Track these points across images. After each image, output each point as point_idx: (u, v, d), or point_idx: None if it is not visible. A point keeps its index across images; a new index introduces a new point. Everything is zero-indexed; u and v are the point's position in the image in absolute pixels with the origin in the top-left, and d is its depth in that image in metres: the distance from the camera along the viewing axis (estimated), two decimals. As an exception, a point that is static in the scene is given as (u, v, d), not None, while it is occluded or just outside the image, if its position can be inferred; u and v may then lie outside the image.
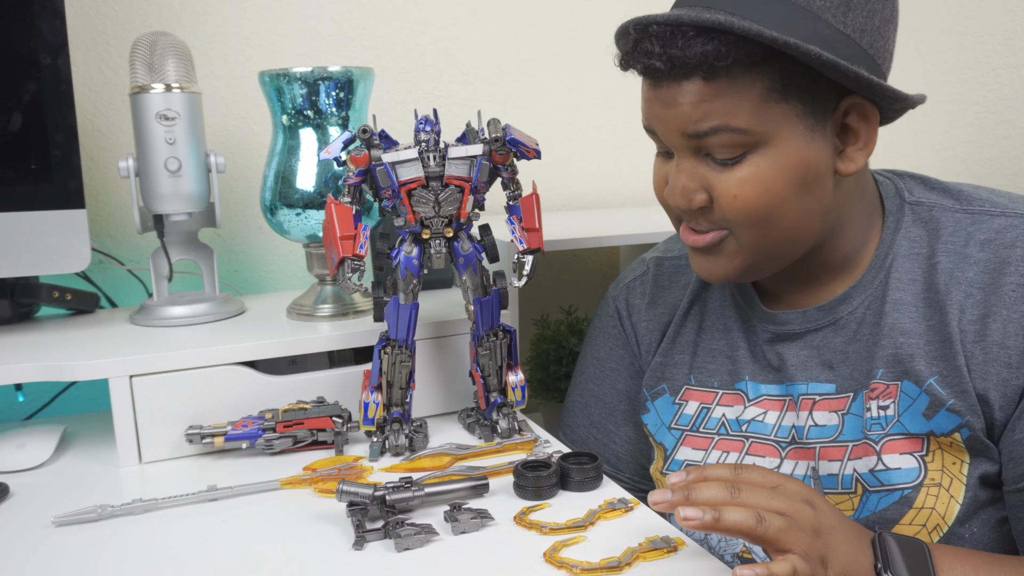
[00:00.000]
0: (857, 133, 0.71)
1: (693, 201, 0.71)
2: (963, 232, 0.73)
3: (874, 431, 0.73)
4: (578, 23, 1.44)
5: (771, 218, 0.70)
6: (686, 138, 0.69)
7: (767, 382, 0.80)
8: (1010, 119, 1.18)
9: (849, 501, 0.74)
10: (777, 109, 0.67)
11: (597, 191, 1.50)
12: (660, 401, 0.86)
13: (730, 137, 0.67)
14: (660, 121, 0.71)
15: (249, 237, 1.27)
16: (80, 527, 0.72)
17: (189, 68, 0.97)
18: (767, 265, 0.74)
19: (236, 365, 0.89)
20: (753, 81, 0.66)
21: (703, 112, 0.67)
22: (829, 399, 0.76)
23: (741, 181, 0.69)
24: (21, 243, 0.94)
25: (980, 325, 0.70)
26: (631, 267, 0.96)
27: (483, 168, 0.82)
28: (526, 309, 1.36)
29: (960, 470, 0.70)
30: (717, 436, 0.82)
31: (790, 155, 0.68)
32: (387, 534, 0.67)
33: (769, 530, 0.58)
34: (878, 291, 0.75)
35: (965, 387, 0.69)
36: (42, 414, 1.12)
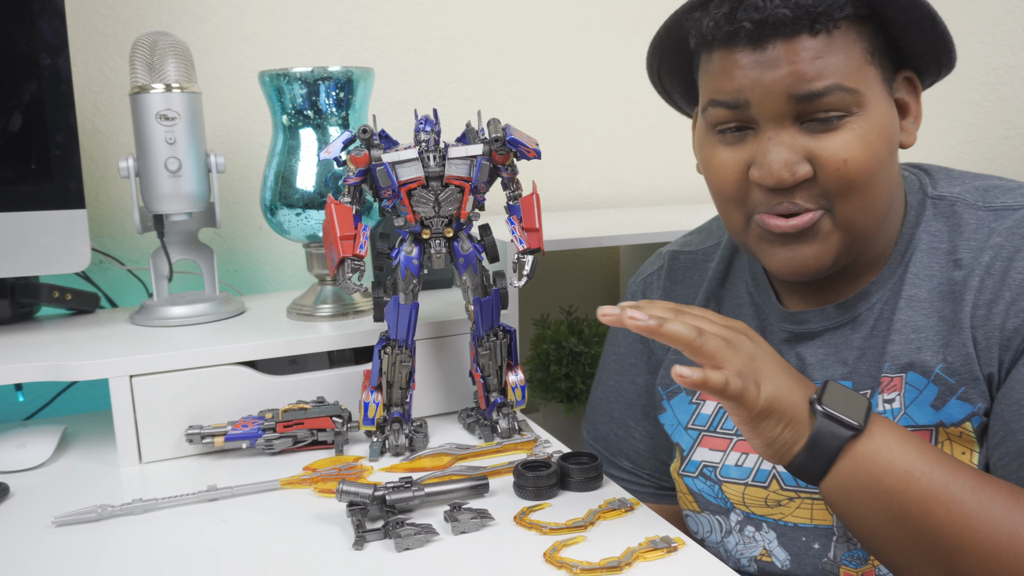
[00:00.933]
0: (908, 107, 0.72)
1: (798, 173, 0.67)
2: (986, 228, 0.72)
3: None
4: (578, 23, 1.44)
5: (873, 185, 0.68)
6: (793, 102, 0.66)
7: None
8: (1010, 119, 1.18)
9: None
10: (870, 71, 0.67)
11: (597, 191, 1.50)
12: (676, 400, 0.86)
13: (841, 98, 0.66)
14: (761, 86, 0.67)
15: (249, 237, 1.27)
16: (80, 527, 0.72)
17: (189, 68, 0.97)
18: (854, 248, 0.72)
19: (236, 365, 0.89)
20: (856, 39, 0.66)
21: (818, 70, 0.65)
22: None
23: (848, 144, 0.67)
24: (21, 243, 0.94)
25: (987, 310, 0.69)
26: (649, 261, 0.95)
27: (483, 168, 0.82)
28: (526, 309, 1.36)
29: (970, 460, 0.70)
30: (736, 437, 0.81)
31: (883, 119, 0.68)
32: (387, 534, 0.67)
33: (707, 344, 0.61)
34: (896, 286, 0.74)
35: (975, 373, 0.68)
36: (42, 414, 1.12)
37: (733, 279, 0.86)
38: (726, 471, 0.80)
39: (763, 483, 0.78)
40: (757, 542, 0.80)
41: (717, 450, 0.82)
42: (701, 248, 0.91)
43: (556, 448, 0.86)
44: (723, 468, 0.81)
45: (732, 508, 0.81)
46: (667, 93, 0.84)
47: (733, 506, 0.81)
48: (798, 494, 0.77)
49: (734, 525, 0.81)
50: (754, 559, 0.80)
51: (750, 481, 0.79)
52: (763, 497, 0.78)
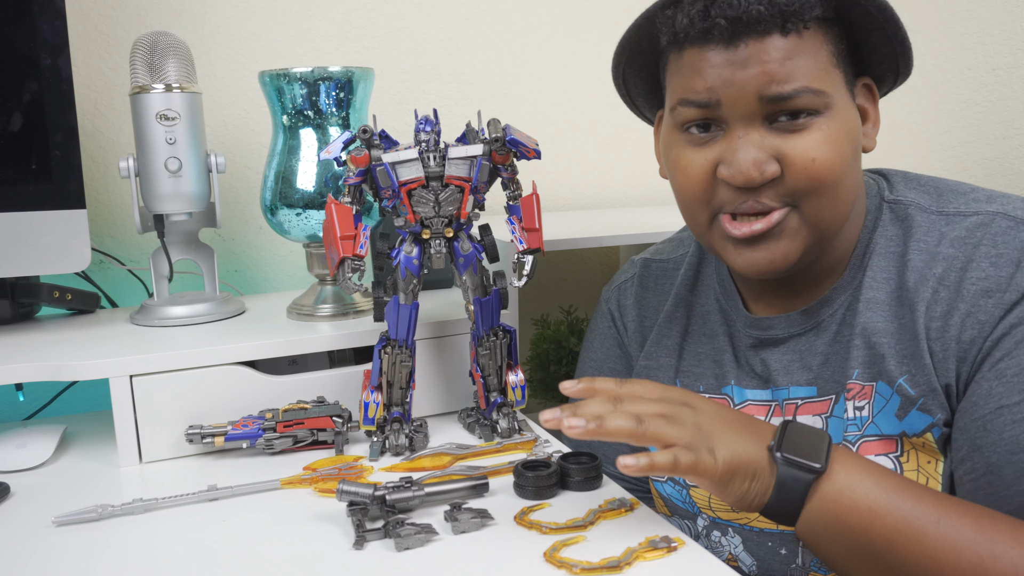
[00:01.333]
0: (867, 112, 0.73)
1: (766, 172, 0.68)
2: (936, 232, 0.73)
3: (851, 432, 0.73)
4: (578, 23, 1.44)
5: (839, 184, 0.69)
6: (763, 102, 0.67)
7: (752, 387, 0.80)
8: (1010, 119, 1.18)
9: None
10: (835, 74, 0.68)
11: (597, 191, 1.50)
12: None
13: (809, 99, 0.67)
14: (732, 85, 0.67)
15: (249, 237, 1.27)
16: (80, 527, 0.72)
17: (189, 68, 0.97)
18: (819, 247, 0.73)
19: (236, 365, 0.89)
20: (823, 42, 0.67)
21: (788, 71, 0.66)
22: (812, 402, 0.76)
23: (816, 144, 0.67)
24: (21, 243, 0.94)
25: (942, 322, 0.69)
26: (623, 268, 0.96)
27: (483, 168, 0.82)
28: (526, 309, 1.36)
29: (935, 469, 0.70)
30: None
31: (848, 121, 0.70)
32: (387, 534, 0.67)
33: (649, 429, 0.61)
34: (855, 290, 0.75)
35: (933, 385, 0.69)
36: (42, 414, 1.12)
37: (702, 286, 0.87)
38: None
39: None
40: (723, 547, 0.80)
41: None
42: (672, 257, 0.92)
43: (556, 448, 0.86)
44: None
45: (699, 512, 0.81)
46: (629, 96, 0.84)
47: (700, 510, 0.81)
48: None
49: (701, 530, 0.82)
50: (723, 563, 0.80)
51: None
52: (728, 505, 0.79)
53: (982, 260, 0.69)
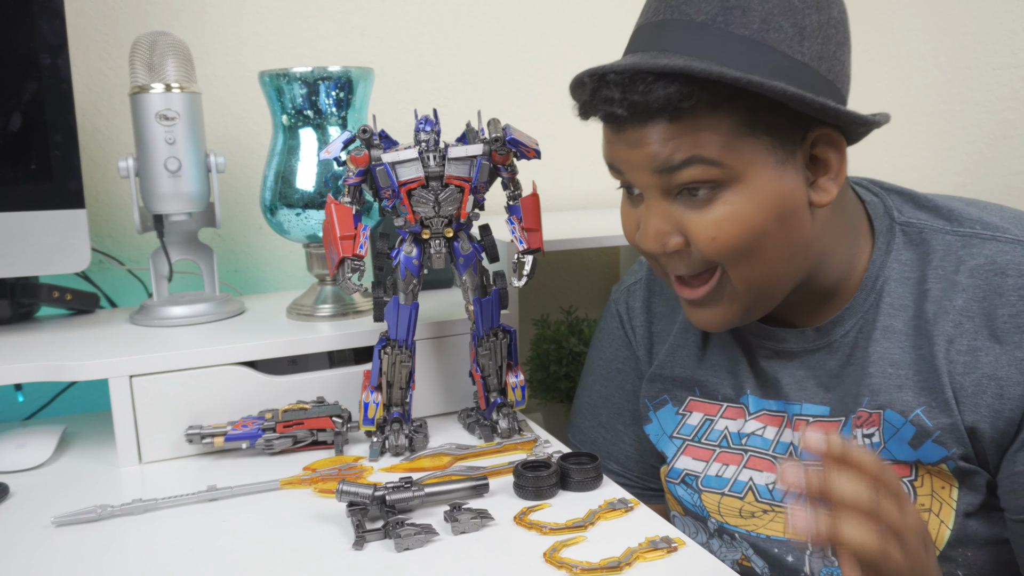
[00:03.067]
0: (828, 163, 0.68)
1: (667, 244, 0.69)
2: (953, 257, 0.71)
3: None
4: (577, 23, 1.44)
5: (755, 252, 0.68)
6: (657, 175, 0.67)
7: (767, 397, 0.79)
8: (1010, 119, 1.18)
9: None
10: (746, 144, 0.65)
11: (597, 191, 1.50)
12: (663, 411, 0.86)
13: (703, 169, 0.65)
14: (626, 162, 0.69)
15: (249, 237, 1.27)
16: (80, 527, 0.72)
17: (189, 68, 0.97)
18: (762, 303, 0.72)
19: (236, 365, 0.89)
20: (720, 119, 0.64)
21: (672, 148, 0.65)
22: (823, 421, 0.75)
23: (717, 221, 0.67)
24: (21, 243, 0.94)
25: (970, 356, 0.68)
26: (631, 270, 0.96)
27: (483, 168, 0.82)
28: (526, 309, 1.36)
29: (950, 495, 0.70)
30: (719, 448, 0.81)
31: (764, 190, 0.66)
32: (387, 534, 0.67)
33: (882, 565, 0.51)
34: (869, 315, 0.74)
35: (953, 419, 0.68)
36: (42, 414, 1.12)
37: None
38: (706, 480, 0.81)
39: (739, 494, 0.79)
40: (736, 548, 0.80)
41: (700, 460, 0.82)
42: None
43: (556, 448, 0.86)
44: (704, 478, 0.81)
45: (708, 516, 0.81)
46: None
47: (709, 515, 0.81)
48: (772, 507, 0.77)
49: (712, 532, 0.82)
50: (736, 562, 0.80)
51: (727, 491, 0.80)
52: (738, 508, 0.79)
53: (1011, 293, 0.67)
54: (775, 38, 0.64)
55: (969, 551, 0.70)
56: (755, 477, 0.78)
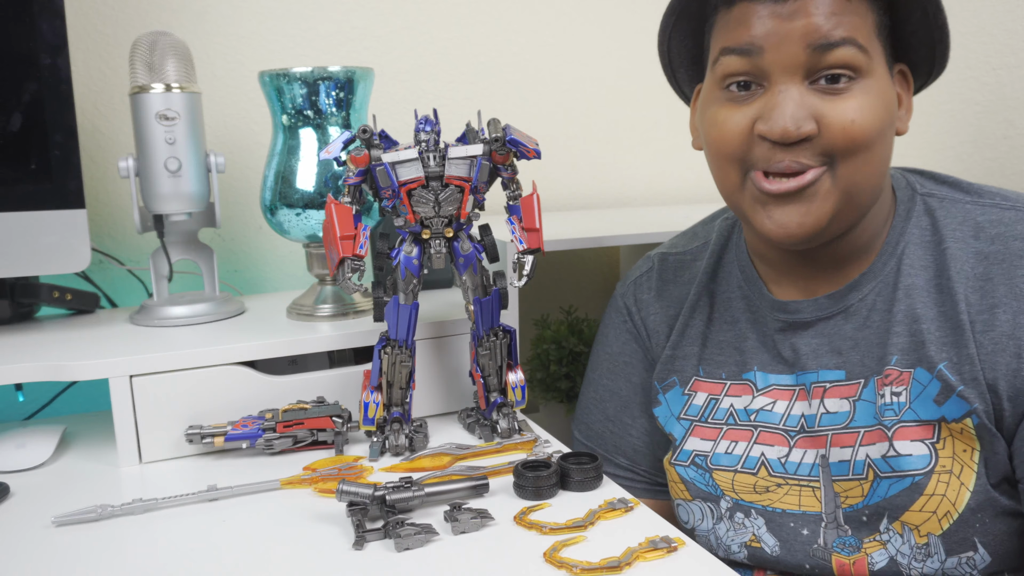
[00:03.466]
0: (900, 98, 0.74)
1: (802, 129, 0.69)
2: (972, 222, 0.74)
3: (887, 416, 0.73)
4: (578, 23, 1.44)
5: (874, 149, 0.70)
6: (808, 52, 0.68)
7: (777, 372, 0.81)
8: (1010, 119, 1.18)
9: (859, 487, 0.74)
10: (878, 44, 0.70)
11: (597, 191, 1.50)
12: (671, 393, 0.87)
13: (855, 54, 0.68)
14: (778, 36, 0.69)
15: (249, 237, 1.27)
16: (80, 527, 0.72)
17: (189, 68, 0.97)
18: (848, 213, 0.73)
19: (236, 365, 0.89)
20: (868, 10, 0.69)
21: (835, 23, 0.67)
22: (840, 386, 0.76)
23: (855, 107, 0.69)
24: (21, 243, 0.94)
25: (989, 315, 0.70)
26: (637, 265, 0.96)
27: (483, 168, 0.82)
28: (526, 309, 1.36)
29: (971, 457, 0.71)
30: (725, 426, 0.82)
31: (886, 92, 0.71)
32: (387, 534, 0.67)
33: None
34: (889, 278, 0.76)
35: (976, 375, 0.70)
36: (42, 414, 1.12)
37: (723, 274, 0.88)
38: (716, 459, 0.82)
39: (752, 470, 0.80)
40: (747, 528, 0.81)
41: (708, 439, 0.83)
42: (688, 249, 0.92)
43: (556, 448, 0.86)
44: (713, 456, 0.82)
45: (722, 495, 0.82)
46: (671, 66, 0.84)
47: (723, 493, 0.82)
48: (786, 480, 0.78)
49: (724, 512, 0.82)
50: (744, 544, 0.81)
51: (739, 468, 0.81)
52: (752, 483, 0.80)
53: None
54: None
55: (987, 518, 0.71)
56: (767, 452, 0.79)
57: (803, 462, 0.77)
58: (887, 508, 0.73)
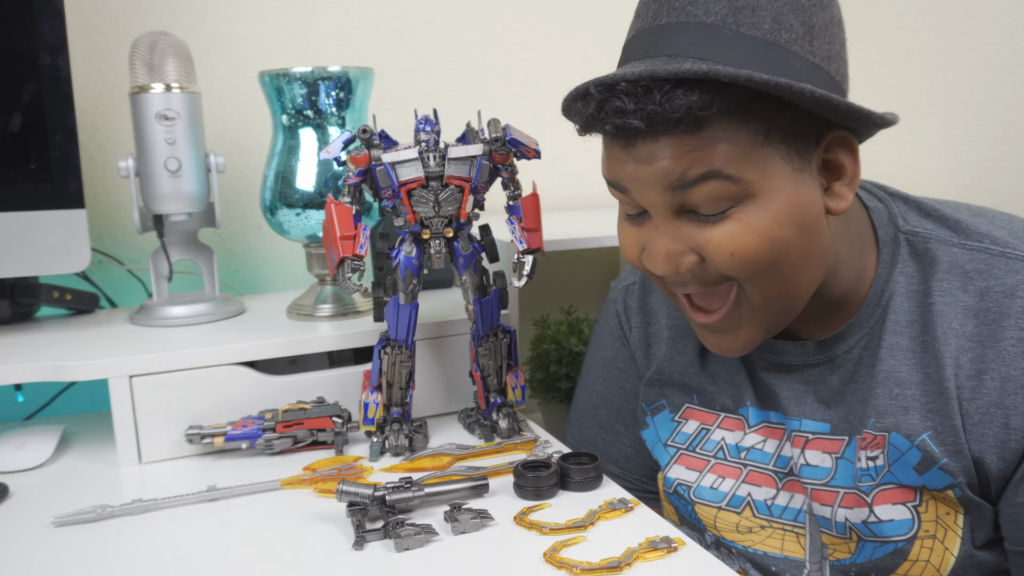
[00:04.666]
0: (842, 167, 0.66)
1: (680, 265, 0.65)
2: (959, 270, 0.69)
3: (864, 482, 0.70)
4: (578, 23, 1.44)
5: (776, 265, 0.64)
6: (669, 193, 0.63)
7: (767, 409, 0.77)
8: (1010, 119, 1.18)
9: (845, 546, 0.72)
10: (763, 154, 0.61)
11: (597, 191, 1.50)
12: (659, 417, 0.85)
13: (720, 186, 0.61)
14: (634, 179, 0.64)
15: (249, 237, 1.27)
16: (80, 527, 0.72)
17: (189, 68, 0.97)
18: (782, 319, 0.69)
19: (236, 365, 0.89)
20: (738, 128, 0.60)
21: (689, 162, 0.61)
22: (823, 439, 0.73)
23: (734, 235, 0.63)
24: (21, 243, 0.94)
25: (976, 381, 0.65)
26: (628, 268, 0.95)
27: (483, 168, 0.82)
28: (526, 309, 1.36)
29: (955, 520, 0.68)
30: (714, 460, 0.80)
31: (782, 202, 0.63)
32: (387, 534, 0.67)
33: None
34: (875, 331, 0.71)
35: (960, 447, 0.65)
36: (42, 414, 1.12)
37: None
38: (700, 492, 0.80)
39: (736, 508, 0.78)
40: (733, 561, 0.80)
41: (693, 470, 0.80)
42: None
43: (556, 448, 0.86)
44: (697, 489, 0.80)
45: (704, 529, 0.81)
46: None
47: (705, 527, 0.80)
48: (770, 523, 0.76)
49: (709, 543, 0.81)
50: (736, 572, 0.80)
51: (723, 505, 0.78)
52: (735, 523, 0.78)
53: (1019, 316, 0.65)
54: (787, 38, 0.60)
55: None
56: (753, 492, 0.77)
57: (789, 506, 0.75)
58: (873, 569, 0.70)
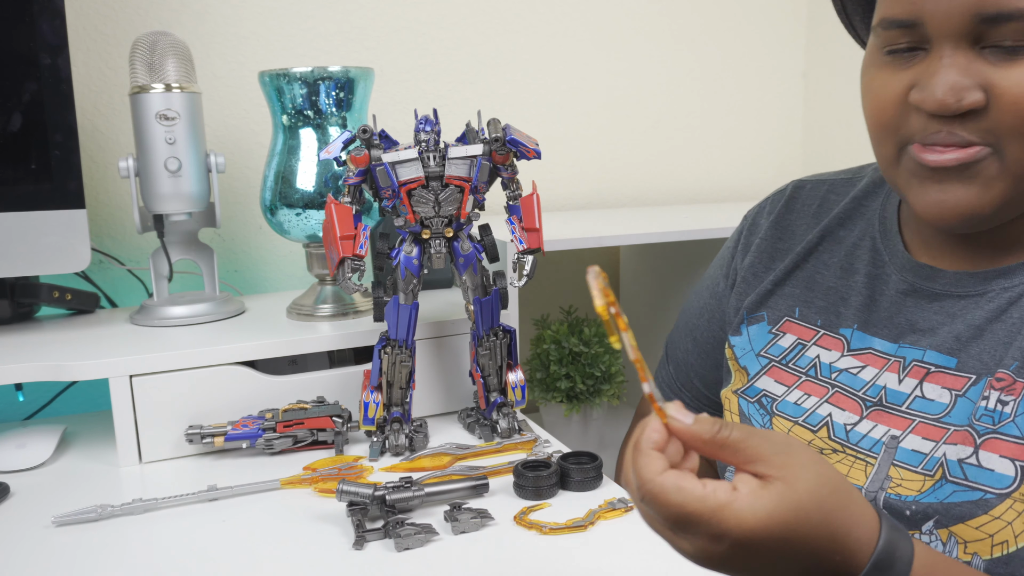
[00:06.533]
0: None
1: (964, 100, 0.59)
2: None
3: (983, 422, 0.64)
4: (578, 23, 1.44)
5: None
6: (976, 22, 0.58)
7: (881, 336, 0.72)
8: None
9: (921, 481, 0.66)
10: None
11: (597, 191, 1.50)
12: (756, 328, 0.81)
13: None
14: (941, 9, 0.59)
15: (249, 237, 1.27)
16: (80, 527, 0.72)
17: (189, 68, 0.97)
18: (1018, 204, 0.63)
19: (236, 365, 0.89)
20: None
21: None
22: (946, 373, 0.68)
23: None
24: (21, 243, 0.94)
25: None
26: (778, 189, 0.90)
27: (483, 168, 0.82)
28: (526, 309, 1.36)
29: None
30: (805, 376, 0.76)
31: None
32: (387, 534, 0.67)
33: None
34: None
35: None
36: (42, 414, 1.12)
37: (857, 219, 0.79)
38: (783, 406, 0.76)
39: (813, 427, 0.73)
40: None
41: (782, 383, 0.77)
42: (831, 179, 0.83)
43: (556, 448, 0.86)
44: (781, 403, 0.76)
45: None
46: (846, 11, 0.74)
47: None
48: (844, 448, 0.71)
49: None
50: None
51: (800, 421, 0.74)
52: (807, 441, 0.73)
53: None
54: None
55: None
56: (834, 414, 0.73)
57: (869, 435, 0.70)
58: (939, 512, 0.65)
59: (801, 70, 1.62)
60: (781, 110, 1.62)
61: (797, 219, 0.83)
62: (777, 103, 1.61)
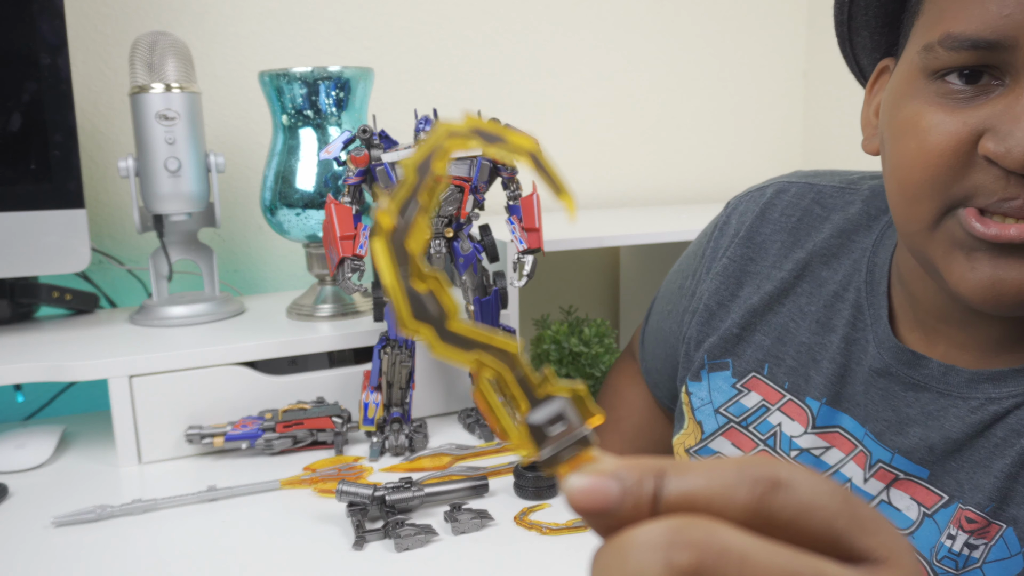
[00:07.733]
0: None
1: None
2: None
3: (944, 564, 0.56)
4: (578, 23, 1.43)
5: None
6: None
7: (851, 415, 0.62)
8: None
9: None
10: None
11: (597, 191, 1.50)
12: (718, 377, 0.72)
13: None
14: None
15: (249, 237, 1.27)
16: (80, 527, 0.72)
17: (189, 68, 0.97)
18: None
19: (236, 365, 0.89)
20: None
21: None
22: (916, 483, 0.58)
23: None
24: (21, 243, 0.94)
25: None
26: (762, 183, 0.76)
27: (483, 168, 0.82)
28: (526, 309, 1.36)
29: None
30: (763, 445, 0.68)
31: None
32: (387, 534, 0.67)
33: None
34: None
35: None
36: (42, 414, 1.12)
37: (843, 260, 0.66)
38: None
39: None
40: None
41: (739, 448, 0.70)
42: (820, 185, 0.70)
43: (556, 448, 0.86)
44: None
45: None
46: (848, 24, 0.61)
47: None
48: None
49: None
50: None
51: None
52: None
53: None
54: None
55: None
56: None
57: None
58: None
59: (801, 70, 1.62)
60: (781, 110, 1.62)
61: (771, 234, 0.72)
62: (777, 103, 1.61)
